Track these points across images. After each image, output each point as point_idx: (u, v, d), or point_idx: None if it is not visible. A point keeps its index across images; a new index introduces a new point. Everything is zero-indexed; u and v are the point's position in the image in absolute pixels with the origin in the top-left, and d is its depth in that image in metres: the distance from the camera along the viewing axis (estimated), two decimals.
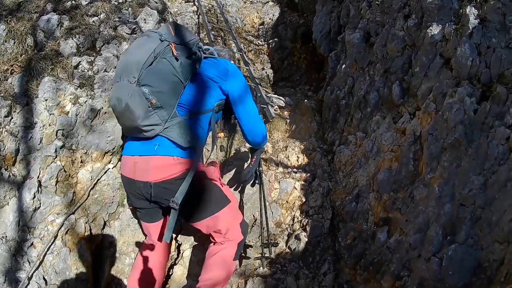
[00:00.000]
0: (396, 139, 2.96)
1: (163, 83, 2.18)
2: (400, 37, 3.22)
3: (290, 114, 4.34)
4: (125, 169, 2.38)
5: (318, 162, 3.64)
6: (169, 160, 2.24)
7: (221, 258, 2.45)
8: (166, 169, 2.24)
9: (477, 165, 2.18)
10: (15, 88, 2.82)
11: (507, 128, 2.10)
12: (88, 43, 3.25)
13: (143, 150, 2.28)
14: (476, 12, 2.60)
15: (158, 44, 2.17)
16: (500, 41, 2.43)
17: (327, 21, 4.71)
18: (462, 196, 2.20)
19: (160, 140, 2.25)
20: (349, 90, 3.76)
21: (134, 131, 2.27)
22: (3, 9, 3.17)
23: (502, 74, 2.32)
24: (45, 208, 2.78)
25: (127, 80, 2.13)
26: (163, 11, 4.11)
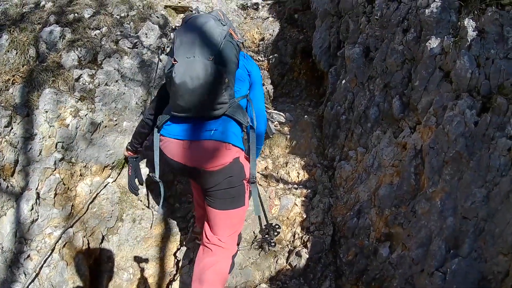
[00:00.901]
0: (397, 153, 2.95)
1: (231, 64, 2.23)
2: (399, 51, 3.24)
3: (290, 130, 4.34)
4: (171, 151, 2.37)
5: (319, 178, 3.62)
6: (222, 147, 2.26)
7: (217, 275, 2.44)
8: (218, 157, 2.26)
9: (479, 177, 2.16)
10: (16, 98, 2.82)
11: (508, 139, 2.09)
12: (89, 56, 3.27)
13: (197, 135, 2.28)
14: (474, 24, 2.63)
15: (223, 27, 2.24)
16: (499, 52, 2.44)
17: (326, 36, 4.76)
18: (464, 209, 2.18)
19: (221, 122, 2.29)
20: (349, 105, 3.77)
21: (202, 109, 2.24)
22: (7, 19, 3.20)
23: (502, 85, 2.32)
24: (42, 221, 2.75)
25: (204, 58, 2.12)
26: (164, 26, 4.14)
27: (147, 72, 3.75)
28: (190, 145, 2.28)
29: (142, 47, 3.71)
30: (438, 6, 2.93)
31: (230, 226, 2.50)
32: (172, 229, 3.46)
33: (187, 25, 2.30)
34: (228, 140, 2.29)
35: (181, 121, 2.33)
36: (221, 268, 2.46)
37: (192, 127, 2.30)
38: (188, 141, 2.29)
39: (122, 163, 3.36)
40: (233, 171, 2.33)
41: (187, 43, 2.19)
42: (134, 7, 3.87)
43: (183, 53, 2.17)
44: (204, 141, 2.27)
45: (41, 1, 3.53)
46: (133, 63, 3.59)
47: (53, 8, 3.43)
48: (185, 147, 2.29)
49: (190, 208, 3.61)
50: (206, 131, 2.27)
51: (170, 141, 2.36)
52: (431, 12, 2.95)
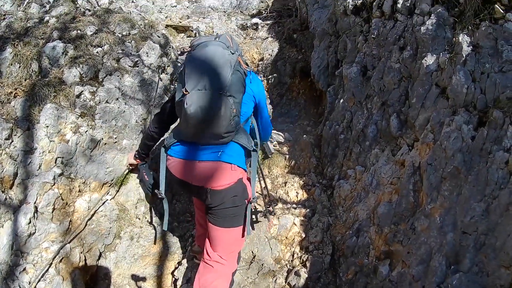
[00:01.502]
0: (396, 171, 2.96)
1: (239, 93, 2.32)
2: (396, 69, 3.30)
3: (289, 149, 4.37)
4: (179, 171, 2.47)
5: (318, 197, 3.62)
6: (227, 167, 2.39)
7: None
8: (224, 178, 2.38)
9: (477, 191, 2.16)
10: (17, 111, 2.85)
11: (505, 152, 2.10)
12: (91, 73, 3.31)
13: (204, 156, 2.39)
14: (469, 39, 2.68)
15: (232, 56, 2.31)
16: (494, 66, 2.47)
17: (324, 56, 4.83)
18: (464, 224, 2.17)
19: (228, 147, 2.40)
20: (348, 124, 3.80)
21: (211, 138, 2.35)
22: (11, 33, 3.25)
23: (498, 99, 2.34)
24: (40, 235, 2.73)
25: (214, 91, 2.22)
26: (165, 45, 4.21)
27: (148, 91, 3.79)
28: (198, 165, 2.39)
29: (143, 66, 3.76)
30: (433, 23, 3.00)
31: (231, 243, 2.57)
32: (170, 248, 3.43)
33: (196, 52, 2.37)
34: (234, 162, 2.41)
35: (188, 144, 2.44)
36: (221, 284, 2.51)
37: (200, 149, 2.40)
38: (196, 161, 2.40)
39: (121, 180, 3.36)
40: (237, 191, 2.44)
41: (198, 73, 2.26)
42: (136, 26, 3.94)
43: (194, 84, 2.24)
44: (211, 162, 2.38)
45: (45, 16, 3.60)
46: (133, 81, 3.63)
47: (56, 24, 3.49)
48: (193, 167, 2.40)
49: (189, 227, 3.60)
50: (213, 152, 2.38)
51: (178, 161, 2.46)
52: (426, 29, 3.02)
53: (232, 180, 2.40)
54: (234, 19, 7.77)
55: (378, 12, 3.82)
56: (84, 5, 3.99)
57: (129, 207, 3.34)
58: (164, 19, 6.56)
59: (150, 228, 3.38)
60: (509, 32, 2.51)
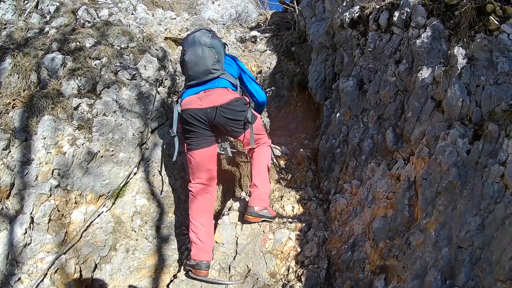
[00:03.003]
0: (391, 185, 2.96)
1: (217, 47, 3.42)
2: (392, 82, 3.32)
3: (286, 163, 4.37)
4: (191, 104, 3.29)
5: (314, 212, 3.61)
6: (225, 90, 3.33)
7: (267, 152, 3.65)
8: (225, 96, 3.28)
9: (473, 206, 2.17)
10: (15, 122, 2.86)
11: (500, 165, 2.10)
12: (89, 86, 3.33)
13: (206, 87, 3.32)
14: (464, 52, 2.70)
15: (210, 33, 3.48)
16: (489, 78, 2.49)
17: (322, 69, 4.86)
18: (459, 239, 2.17)
19: (219, 80, 3.36)
20: (344, 138, 3.81)
21: (204, 74, 3.33)
22: (11, 43, 3.29)
23: (493, 111, 2.36)
24: (35, 245, 2.72)
25: (201, 45, 3.33)
26: (163, 59, 4.24)
27: (145, 104, 3.81)
28: (205, 93, 3.29)
29: (140, 79, 3.79)
30: (429, 36, 3.04)
31: (256, 135, 3.45)
32: (165, 261, 3.41)
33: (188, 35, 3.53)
34: (227, 86, 3.36)
35: (193, 86, 3.39)
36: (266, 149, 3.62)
37: (201, 84, 3.36)
38: (201, 92, 3.30)
39: (117, 193, 3.35)
40: (239, 106, 3.31)
41: (190, 42, 3.40)
42: (134, 38, 3.98)
43: (188, 45, 3.39)
44: (213, 89, 3.30)
45: (45, 27, 3.64)
46: (131, 94, 3.65)
47: (56, 35, 3.53)
48: (202, 96, 3.28)
49: (185, 241, 3.58)
50: (211, 84, 3.33)
51: (190, 98, 3.34)
52: (422, 42, 3.05)
53: (232, 97, 3.29)
54: (233, 31, 7.86)
55: (374, 25, 3.87)
56: (84, 16, 4.03)
57: (125, 219, 3.33)
58: (164, 31, 6.58)
59: (146, 241, 3.36)
60: (504, 44, 2.54)
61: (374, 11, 3.96)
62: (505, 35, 2.56)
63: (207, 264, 3.05)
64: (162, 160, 3.81)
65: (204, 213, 3.27)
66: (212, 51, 3.36)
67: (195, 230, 3.17)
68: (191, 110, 3.24)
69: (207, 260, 3.06)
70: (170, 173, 3.87)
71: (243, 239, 3.25)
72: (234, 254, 3.20)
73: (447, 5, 3.11)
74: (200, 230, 3.16)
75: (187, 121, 3.27)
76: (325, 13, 6.29)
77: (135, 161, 3.66)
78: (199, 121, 3.25)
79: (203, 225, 3.20)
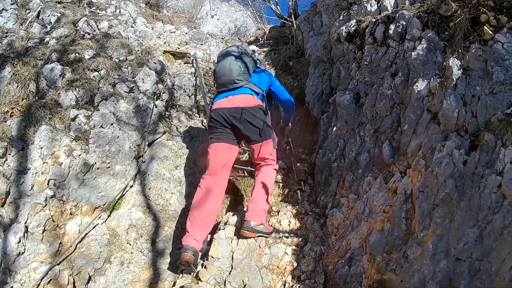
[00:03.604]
0: (388, 199, 2.95)
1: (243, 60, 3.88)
2: (388, 95, 3.35)
3: (283, 178, 4.36)
4: (222, 104, 3.69)
5: (310, 226, 3.60)
6: (250, 96, 3.72)
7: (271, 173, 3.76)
8: (250, 101, 3.67)
9: (470, 217, 2.15)
10: (12, 131, 2.86)
11: (498, 175, 2.09)
12: (87, 97, 3.34)
13: (234, 92, 3.73)
14: (459, 62, 2.72)
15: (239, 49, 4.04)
16: (484, 88, 2.50)
17: (319, 83, 4.90)
18: (457, 251, 2.15)
19: (243, 88, 3.76)
20: (341, 152, 3.82)
21: (229, 83, 3.78)
22: (12, 51, 3.30)
23: (489, 121, 2.36)
24: (29, 255, 2.69)
25: (231, 58, 3.83)
26: (161, 72, 4.27)
27: (142, 117, 3.81)
28: (233, 96, 3.69)
29: (138, 92, 3.81)
30: (424, 48, 3.07)
31: (270, 152, 3.75)
32: (161, 275, 3.37)
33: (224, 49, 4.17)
34: (252, 94, 3.76)
35: (222, 91, 3.82)
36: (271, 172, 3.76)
37: (229, 90, 3.77)
38: (230, 96, 3.71)
39: (113, 205, 3.33)
40: (259, 114, 3.65)
41: (223, 54, 3.99)
42: (133, 51, 4.01)
43: (221, 57, 3.96)
44: (240, 94, 3.70)
45: (45, 37, 3.67)
46: (128, 107, 3.66)
47: (56, 46, 3.56)
48: (230, 98, 3.69)
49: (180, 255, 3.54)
50: (237, 91, 3.74)
51: (220, 100, 3.74)
52: (417, 55, 3.09)
53: (255, 103, 3.68)
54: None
55: (370, 39, 3.92)
56: (84, 28, 4.08)
57: (120, 232, 3.30)
58: (163, 44, 6.64)
59: (141, 254, 3.33)
60: (498, 53, 2.55)
61: (370, 25, 4.01)
62: (500, 45, 2.58)
63: (193, 249, 3.17)
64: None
65: (204, 206, 3.38)
66: (238, 64, 3.83)
67: (191, 219, 3.34)
68: (220, 110, 3.65)
69: (192, 246, 3.18)
70: (167, 187, 3.86)
71: (239, 253, 3.22)
72: (229, 269, 3.17)
73: (442, 17, 3.15)
74: (195, 220, 3.31)
75: (214, 119, 3.66)
76: (323, 27, 6.37)
77: (132, 173, 3.66)
78: (224, 120, 3.62)
79: (199, 217, 3.32)
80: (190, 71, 6.19)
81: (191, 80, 5.84)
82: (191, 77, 5.91)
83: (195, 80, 5.99)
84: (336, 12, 5.55)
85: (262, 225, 3.39)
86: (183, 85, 5.35)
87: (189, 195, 3.99)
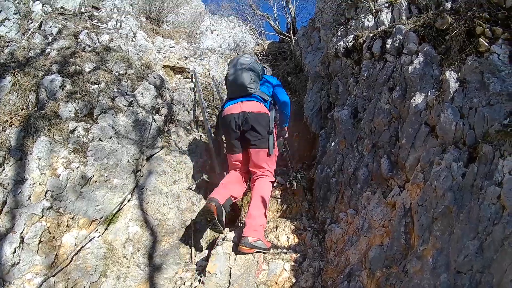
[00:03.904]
0: (387, 213, 2.94)
1: (255, 70, 4.03)
2: (386, 110, 3.36)
3: (281, 193, 4.35)
4: (231, 110, 3.89)
5: (309, 242, 3.57)
6: (258, 103, 3.88)
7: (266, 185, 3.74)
8: (257, 107, 3.84)
9: (470, 229, 2.14)
10: (11, 140, 2.85)
11: (497, 186, 2.09)
12: (86, 110, 3.34)
13: (243, 99, 3.90)
14: (456, 75, 2.75)
15: (252, 58, 4.14)
16: (481, 100, 2.51)
17: (317, 98, 4.92)
18: (458, 264, 2.13)
19: (254, 96, 3.92)
20: (339, 167, 3.81)
21: (242, 89, 3.94)
22: (13, 61, 3.32)
23: (487, 132, 2.37)
24: (24, 265, 2.65)
25: (242, 69, 3.97)
26: (161, 87, 4.29)
27: (141, 131, 3.82)
28: (242, 103, 3.87)
29: (137, 106, 3.82)
30: (421, 61, 3.10)
31: (267, 161, 3.81)
32: None
33: (234, 58, 4.28)
34: (261, 101, 3.92)
35: (233, 98, 4.00)
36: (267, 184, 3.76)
37: (239, 97, 3.93)
38: (239, 102, 3.89)
39: (110, 219, 3.31)
40: (263, 121, 3.82)
41: (234, 64, 4.10)
42: (133, 65, 4.03)
43: (232, 66, 4.09)
44: (250, 101, 3.87)
45: (46, 48, 3.70)
46: (127, 121, 3.66)
47: (57, 57, 3.58)
48: (240, 104, 3.86)
49: (177, 270, 3.50)
50: (247, 97, 3.90)
51: (231, 106, 3.92)
52: (414, 69, 3.11)
53: (262, 110, 3.86)
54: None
55: (368, 54, 3.97)
56: (85, 40, 4.12)
57: (117, 246, 3.27)
58: (162, 59, 6.70)
59: (138, 268, 3.29)
60: (494, 64, 2.58)
61: (368, 40, 4.07)
62: (495, 56, 2.62)
63: (216, 200, 3.51)
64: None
65: (227, 179, 3.92)
66: (249, 73, 4.01)
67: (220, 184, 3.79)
68: (230, 115, 3.86)
69: (216, 198, 3.53)
70: (165, 202, 3.83)
71: (237, 269, 3.19)
72: (227, 284, 3.12)
73: (438, 30, 3.21)
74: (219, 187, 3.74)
75: (226, 124, 3.89)
76: (321, 43, 6.44)
77: (129, 187, 3.64)
78: (234, 124, 3.81)
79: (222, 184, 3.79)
80: (189, 86, 6.24)
81: (190, 95, 5.87)
82: (190, 92, 5.95)
83: (194, 95, 6.02)
84: (334, 28, 5.63)
85: (260, 240, 3.36)
86: (182, 100, 5.38)
87: (187, 210, 3.97)
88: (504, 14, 2.71)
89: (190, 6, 11.76)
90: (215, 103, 6.31)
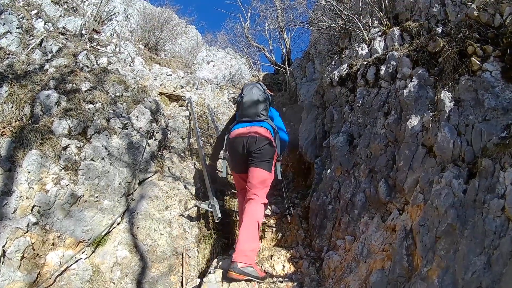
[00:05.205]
0: (387, 237, 2.87)
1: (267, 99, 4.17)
2: (381, 135, 3.36)
3: (276, 222, 4.26)
4: (241, 132, 3.92)
5: (306, 270, 3.46)
6: (267, 130, 3.91)
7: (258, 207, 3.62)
8: (264, 132, 3.86)
9: (476, 244, 2.07)
10: (1, 150, 2.79)
11: (500, 198, 2.05)
12: (80, 128, 3.30)
13: (252, 124, 3.96)
14: (450, 95, 2.77)
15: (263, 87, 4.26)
16: (477, 116, 2.53)
17: (312, 128, 4.93)
18: (465, 281, 2.04)
19: (264, 123, 3.99)
20: (335, 194, 3.76)
21: (254, 115, 4.03)
22: (11, 72, 3.29)
23: (485, 147, 2.37)
24: (3, 280, 2.51)
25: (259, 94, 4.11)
26: (156, 112, 4.28)
27: (134, 154, 3.76)
28: (252, 127, 3.91)
29: (132, 129, 3.78)
30: (415, 84, 3.14)
31: (262, 182, 3.74)
32: None
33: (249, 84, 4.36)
34: (268, 128, 3.95)
35: (242, 121, 4.03)
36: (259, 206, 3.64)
37: (249, 122, 3.99)
38: (248, 126, 3.94)
39: (98, 241, 3.18)
40: (267, 145, 3.80)
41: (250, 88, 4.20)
42: (129, 88, 4.03)
43: (248, 91, 4.15)
44: (257, 126, 3.92)
45: (45, 64, 3.70)
46: (121, 143, 3.62)
47: (54, 74, 3.58)
48: (248, 127, 3.91)
49: None
50: (256, 123, 3.96)
51: (237, 129, 3.97)
52: (409, 92, 3.14)
53: (268, 136, 3.87)
54: (226, 92, 8.09)
55: (362, 81, 4.02)
56: (83, 61, 4.13)
57: (104, 269, 3.13)
58: (159, 86, 6.75)
59: None
60: (487, 81, 2.62)
61: (362, 67, 4.13)
62: (488, 73, 2.67)
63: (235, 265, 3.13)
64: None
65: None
66: (264, 101, 4.13)
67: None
68: (239, 138, 3.89)
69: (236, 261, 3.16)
70: (156, 227, 3.72)
71: None
72: None
73: (431, 53, 3.28)
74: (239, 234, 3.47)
75: (233, 146, 3.92)
76: (315, 74, 6.55)
77: (120, 210, 3.54)
78: (242, 146, 3.83)
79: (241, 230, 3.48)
80: (184, 114, 6.25)
81: (185, 122, 5.86)
82: (185, 120, 5.94)
83: (189, 123, 6.02)
84: (328, 58, 5.75)
85: (251, 267, 3.18)
86: (177, 127, 5.37)
87: (178, 237, 3.84)
88: (494, 33, 2.79)
89: (188, 36, 12.03)
90: (210, 132, 6.30)
